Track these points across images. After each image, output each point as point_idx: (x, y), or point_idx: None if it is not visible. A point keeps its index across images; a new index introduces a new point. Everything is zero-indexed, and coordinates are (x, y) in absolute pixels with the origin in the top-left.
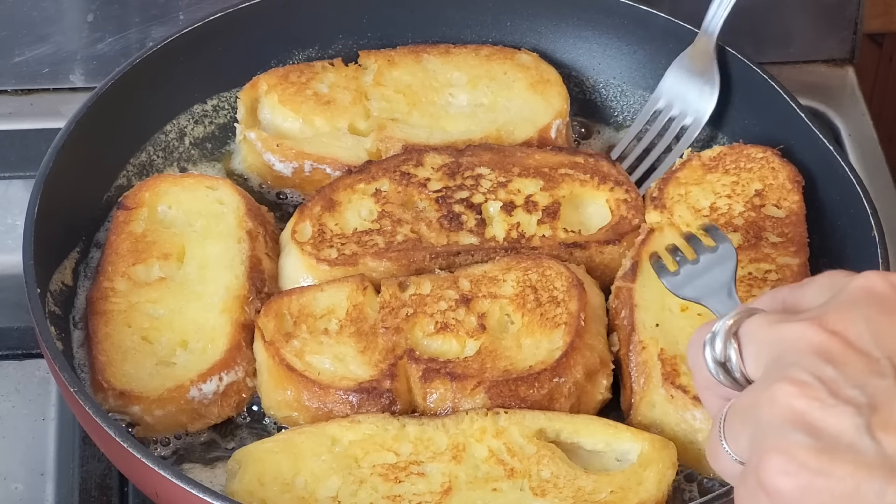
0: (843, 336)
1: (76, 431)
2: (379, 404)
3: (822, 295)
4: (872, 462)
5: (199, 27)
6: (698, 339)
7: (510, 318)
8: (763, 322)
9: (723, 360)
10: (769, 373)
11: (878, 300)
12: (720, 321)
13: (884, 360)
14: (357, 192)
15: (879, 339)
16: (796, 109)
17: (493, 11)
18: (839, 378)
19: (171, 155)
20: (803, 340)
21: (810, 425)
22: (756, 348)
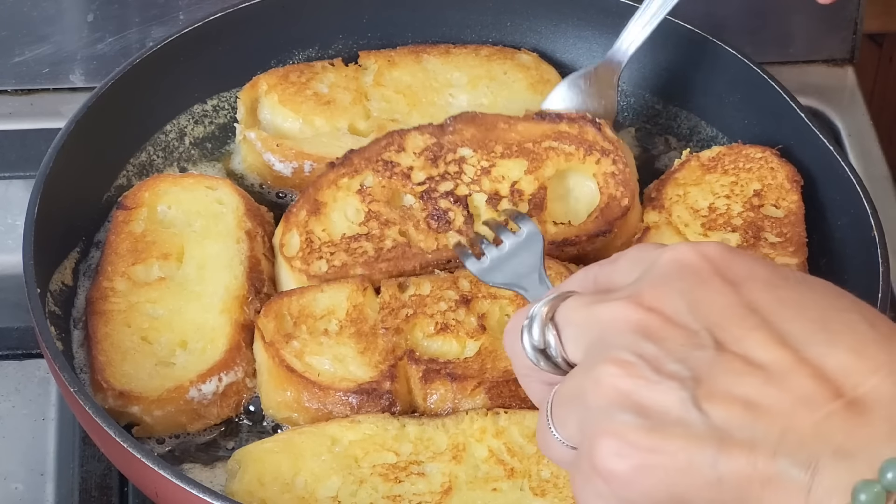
0: (660, 311)
1: (76, 431)
2: (379, 405)
3: (633, 270)
4: (702, 434)
5: (199, 27)
6: (515, 325)
7: (510, 318)
8: (579, 304)
9: (542, 346)
10: (590, 355)
11: (691, 272)
12: (535, 306)
13: (703, 332)
14: (341, 188)
15: (696, 312)
16: (796, 109)
17: (493, 11)
18: (660, 354)
19: (171, 155)
20: (621, 320)
21: (637, 404)
22: (575, 331)
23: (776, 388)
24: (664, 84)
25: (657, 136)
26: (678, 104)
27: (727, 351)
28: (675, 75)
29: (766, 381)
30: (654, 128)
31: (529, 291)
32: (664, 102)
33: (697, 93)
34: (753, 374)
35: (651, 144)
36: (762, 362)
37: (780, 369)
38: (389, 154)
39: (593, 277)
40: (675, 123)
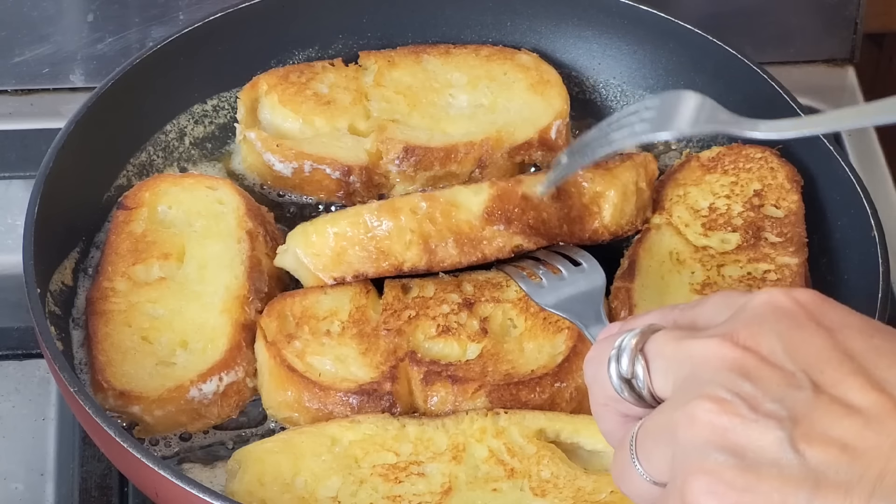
0: (756, 351)
1: (76, 431)
2: (379, 406)
3: (720, 313)
4: (797, 475)
5: (199, 27)
6: (600, 354)
7: (513, 322)
8: (670, 338)
9: (629, 377)
10: (683, 391)
11: (786, 315)
12: (626, 337)
13: (800, 374)
14: None
15: (792, 353)
16: (796, 109)
17: (493, 11)
18: (757, 393)
19: (171, 155)
20: (716, 357)
21: (733, 443)
22: (665, 365)
23: (874, 432)
24: (664, 84)
25: None
26: None
27: (824, 393)
28: (676, 75)
29: (864, 425)
30: None
31: (584, 323)
32: None
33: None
34: (851, 417)
35: (651, 144)
36: (859, 406)
37: (877, 414)
38: None
39: (673, 319)
40: None
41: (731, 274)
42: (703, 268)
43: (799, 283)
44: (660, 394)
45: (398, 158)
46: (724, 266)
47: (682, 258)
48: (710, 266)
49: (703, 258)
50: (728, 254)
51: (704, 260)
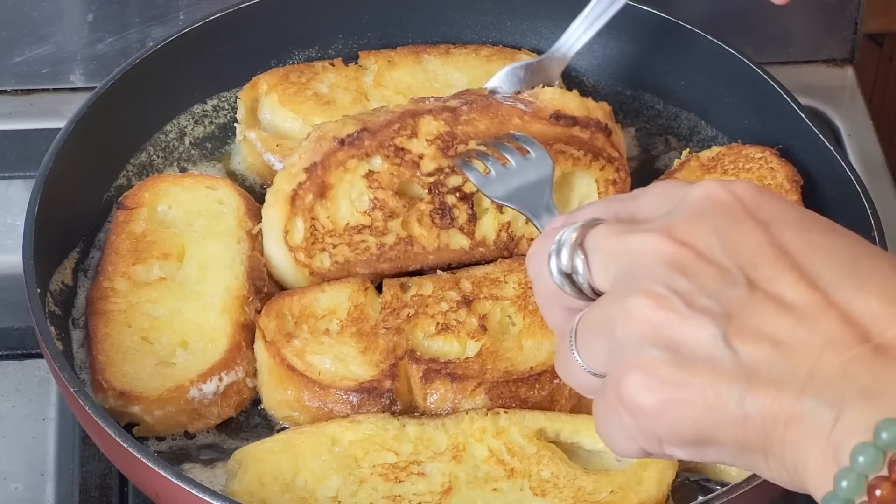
0: (693, 246)
1: (76, 431)
2: (379, 404)
3: (659, 206)
4: (731, 371)
5: (199, 27)
6: (541, 249)
7: (511, 319)
8: (609, 232)
9: (569, 272)
10: (621, 285)
11: (723, 209)
12: (566, 231)
13: (735, 270)
14: (349, 170)
15: (729, 249)
16: (796, 109)
17: (493, 11)
18: (693, 289)
19: (171, 155)
20: (654, 252)
21: (668, 339)
22: (604, 259)
23: (805, 329)
24: (664, 84)
25: (657, 136)
26: (678, 104)
27: (759, 289)
28: (675, 75)
29: (796, 322)
30: (654, 128)
31: (534, 213)
32: (664, 102)
33: (697, 93)
34: (784, 314)
35: (651, 144)
36: (792, 303)
37: (809, 311)
38: (401, 139)
39: (614, 211)
40: (675, 123)
41: None
42: None
43: None
44: (599, 287)
45: None
46: None
47: None
48: None
49: None
50: None
51: None
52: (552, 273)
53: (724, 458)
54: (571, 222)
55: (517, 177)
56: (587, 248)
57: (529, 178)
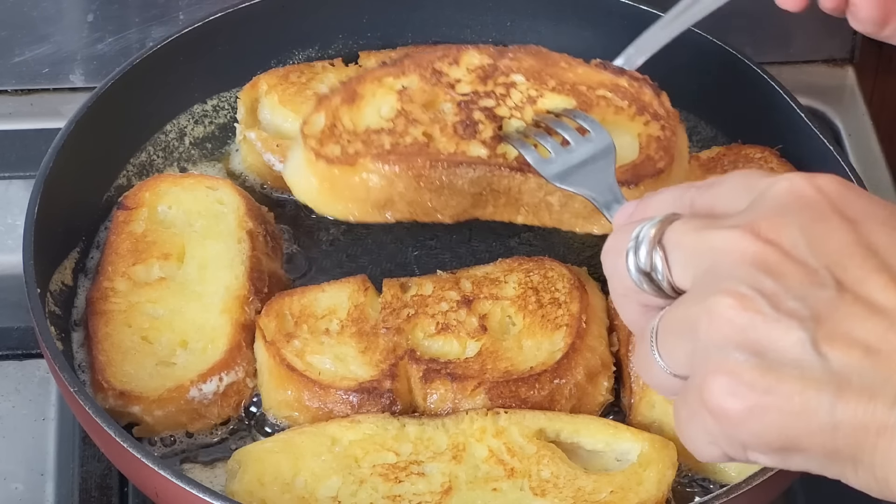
0: (778, 245)
1: (76, 431)
2: (379, 404)
3: (738, 198)
4: (820, 378)
5: (199, 27)
6: (617, 245)
7: (511, 319)
8: (689, 228)
9: (647, 269)
10: (703, 284)
11: (808, 205)
12: (643, 227)
13: (822, 270)
14: (384, 86)
15: (815, 248)
16: (796, 109)
17: (493, 11)
18: (779, 290)
19: (171, 155)
20: (737, 250)
21: (753, 342)
22: (684, 256)
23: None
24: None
25: None
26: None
27: (848, 291)
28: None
29: (888, 327)
30: None
31: (598, 199)
32: None
33: (697, 93)
34: (875, 319)
35: None
36: (884, 307)
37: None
38: (442, 64)
39: (690, 200)
40: None
41: None
42: None
43: None
44: (680, 286)
45: None
46: None
47: None
48: None
49: None
50: None
51: None
52: (630, 271)
53: (811, 466)
54: (647, 217)
55: (577, 158)
56: (666, 244)
57: (590, 160)
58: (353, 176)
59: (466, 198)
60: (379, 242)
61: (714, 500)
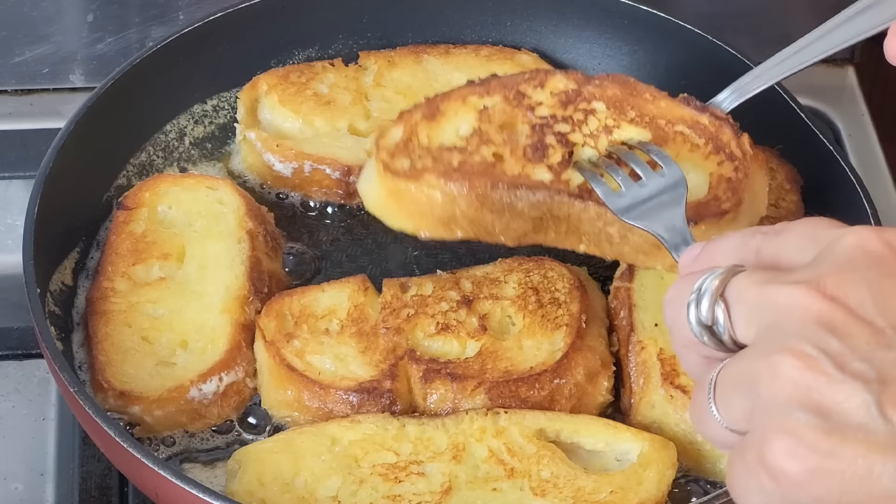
0: (844, 303)
1: (76, 431)
2: (379, 404)
3: (805, 249)
4: (885, 442)
5: (199, 27)
6: (679, 296)
7: (511, 319)
8: (752, 282)
9: (709, 322)
10: (766, 340)
11: (877, 261)
12: (705, 280)
13: (889, 331)
14: (467, 104)
15: (883, 307)
16: (796, 109)
17: (493, 11)
18: (845, 351)
19: (171, 155)
20: (802, 307)
21: (817, 403)
22: (747, 311)
23: None
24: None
25: None
26: None
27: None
28: (676, 75)
29: None
30: None
31: (667, 237)
32: None
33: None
34: None
35: None
36: None
37: None
38: (527, 87)
39: (756, 248)
40: None
41: None
42: None
43: None
44: (742, 340)
45: None
46: None
47: None
48: None
49: None
50: None
51: None
52: (691, 323)
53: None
54: (712, 265)
55: (646, 193)
56: (729, 298)
57: (661, 196)
58: (417, 191)
59: (527, 221)
60: (379, 242)
61: (714, 500)
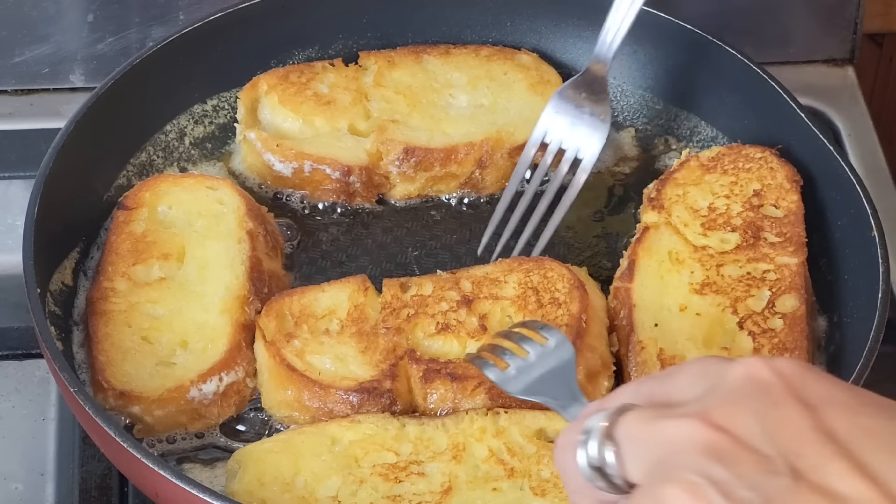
0: (731, 432)
1: (76, 431)
2: (379, 404)
3: (695, 385)
4: None
5: (199, 27)
6: (568, 440)
7: (511, 319)
8: (640, 419)
9: (599, 464)
10: (654, 476)
11: (765, 391)
12: (593, 420)
13: (777, 458)
14: None
15: (771, 435)
16: (796, 109)
17: (493, 11)
18: (731, 479)
19: (171, 155)
20: (689, 439)
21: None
22: (636, 450)
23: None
24: (664, 84)
25: (657, 136)
26: (678, 104)
27: (804, 480)
28: (676, 75)
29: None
30: (654, 128)
31: (561, 404)
32: (664, 102)
33: (697, 93)
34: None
35: (651, 144)
36: (843, 495)
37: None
38: None
39: (648, 392)
40: (675, 123)
41: (731, 274)
42: (702, 267)
43: (798, 283)
44: (633, 479)
45: (398, 159)
46: (724, 266)
47: (681, 258)
48: (709, 266)
49: (702, 258)
50: (727, 253)
51: (703, 260)
52: (581, 466)
53: None
54: (601, 409)
55: (538, 367)
56: (617, 437)
57: (551, 367)
58: None
59: None
60: (379, 242)
61: None
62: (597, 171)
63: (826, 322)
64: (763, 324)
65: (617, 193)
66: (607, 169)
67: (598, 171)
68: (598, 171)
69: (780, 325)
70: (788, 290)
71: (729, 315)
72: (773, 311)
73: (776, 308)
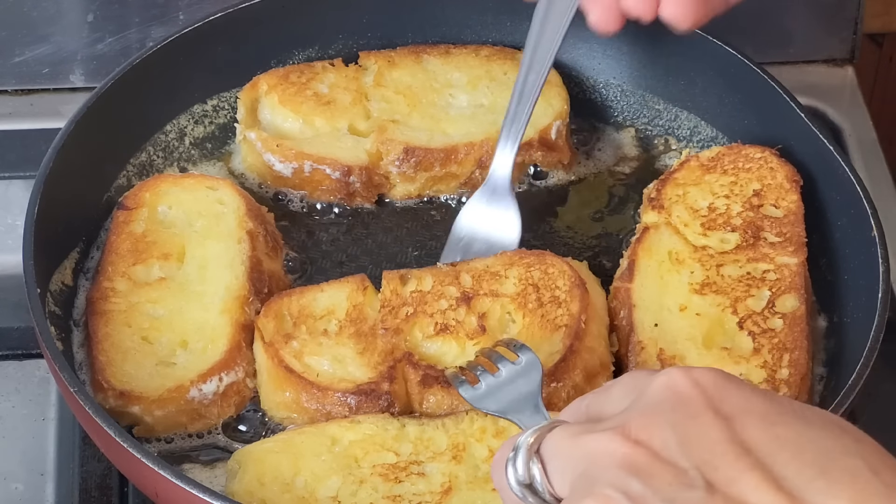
0: (647, 446)
1: (76, 431)
2: (377, 406)
3: (624, 398)
4: None
5: (199, 27)
6: (500, 458)
7: (511, 317)
8: (565, 435)
9: (527, 481)
10: (575, 490)
11: (682, 402)
12: (521, 437)
13: (692, 471)
14: None
15: (686, 447)
16: (796, 109)
17: (493, 11)
18: (647, 492)
19: (171, 155)
20: (607, 453)
21: None
22: (561, 464)
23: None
24: (664, 84)
25: (657, 136)
26: (678, 104)
27: (718, 492)
28: (676, 75)
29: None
30: (654, 128)
31: (524, 421)
32: (664, 102)
33: (697, 93)
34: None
35: (651, 144)
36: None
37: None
38: None
39: (585, 407)
40: (675, 124)
41: (731, 274)
42: (702, 267)
43: (798, 283)
44: (560, 494)
45: (398, 159)
46: (724, 266)
47: (681, 258)
48: (709, 266)
49: (702, 258)
50: (727, 253)
51: (703, 260)
52: (510, 483)
53: None
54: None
55: (509, 385)
56: (544, 453)
57: (519, 386)
58: None
59: None
60: (379, 242)
61: None
62: (597, 171)
63: (826, 322)
64: (763, 324)
65: (617, 193)
66: (607, 169)
67: (598, 171)
68: (598, 171)
69: (780, 325)
70: (788, 290)
71: (729, 315)
72: (773, 311)
73: (776, 308)
